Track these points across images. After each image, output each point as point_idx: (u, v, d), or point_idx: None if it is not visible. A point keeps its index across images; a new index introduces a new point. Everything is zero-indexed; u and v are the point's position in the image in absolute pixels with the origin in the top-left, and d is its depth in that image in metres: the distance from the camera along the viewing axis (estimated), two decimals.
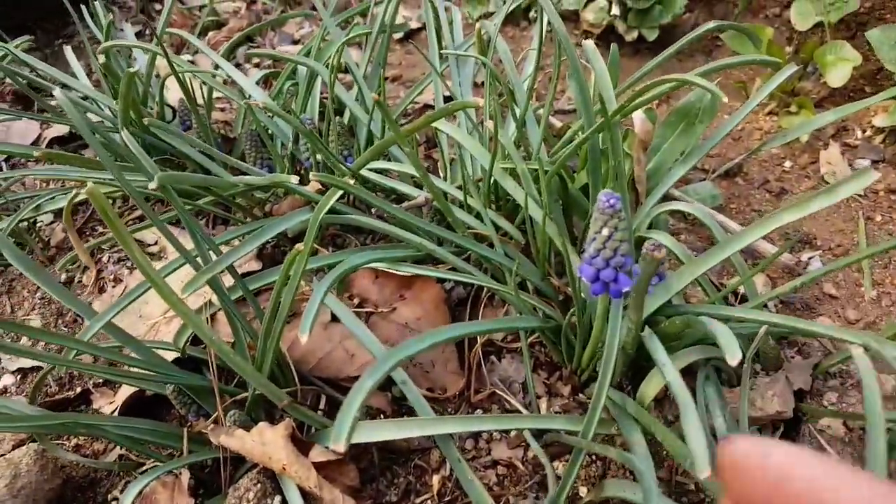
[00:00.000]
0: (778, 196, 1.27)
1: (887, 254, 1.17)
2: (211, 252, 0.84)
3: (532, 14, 1.74)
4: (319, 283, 0.75)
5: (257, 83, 1.40)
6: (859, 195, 1.26)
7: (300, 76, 1.31)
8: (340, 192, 0.79)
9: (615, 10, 1.61)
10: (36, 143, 1.58)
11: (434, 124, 0.93)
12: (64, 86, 1.36)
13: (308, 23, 1.90)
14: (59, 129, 1.54)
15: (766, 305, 1.01)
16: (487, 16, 1.78)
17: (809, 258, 1.13)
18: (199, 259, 0.88)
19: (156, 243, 1.23)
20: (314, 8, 1.98)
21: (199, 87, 1.47)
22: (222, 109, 1.62)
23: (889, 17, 1.50)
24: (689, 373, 0.89)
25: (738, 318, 0.82)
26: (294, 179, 0.84)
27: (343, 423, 0.62)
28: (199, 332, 0.79)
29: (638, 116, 1.03)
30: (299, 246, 0.67)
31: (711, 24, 1.03)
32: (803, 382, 0.91)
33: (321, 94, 1.31)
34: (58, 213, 1.30)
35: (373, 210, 1.19)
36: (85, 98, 1.39)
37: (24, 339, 1.20)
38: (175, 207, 0.76)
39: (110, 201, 1.35)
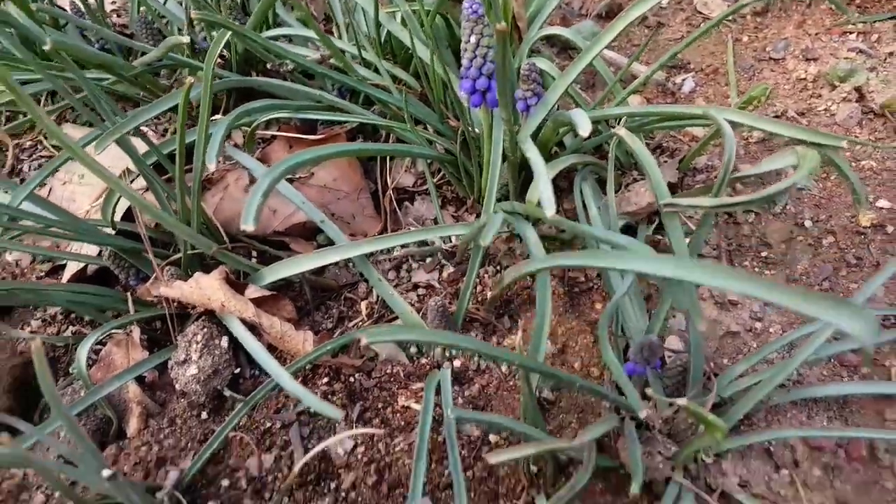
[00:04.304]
0: (655, 29, 1.36)
1: (752, 67, 1.28)
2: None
3: None
4: (218, 126, 0.81)
5: None
6: (729, 20, 1.36)
7: None
8: (229, 33, 0.84)
9: None
10: None
11: None
12: None
13: None
14: None
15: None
16: None
17: (683, 79, 1.24)
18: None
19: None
20: None
21: None
22: (115, 13, 1.58)
23: None
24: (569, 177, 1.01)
25: (603, 117, 0.92)
26: (185, 39, 0.88)
27: (250, 205, 0.68)
28: (123, 194, 0.85)
29: None
30: (190, 78, 0.73)
31: None
32: (672, 177, 1.04)
33: None
34: None
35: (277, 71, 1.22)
36: None
37: None
38: (74, 74, 0.80)
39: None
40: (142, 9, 1.21)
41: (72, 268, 1.08)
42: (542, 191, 0.72)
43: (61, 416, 0.65)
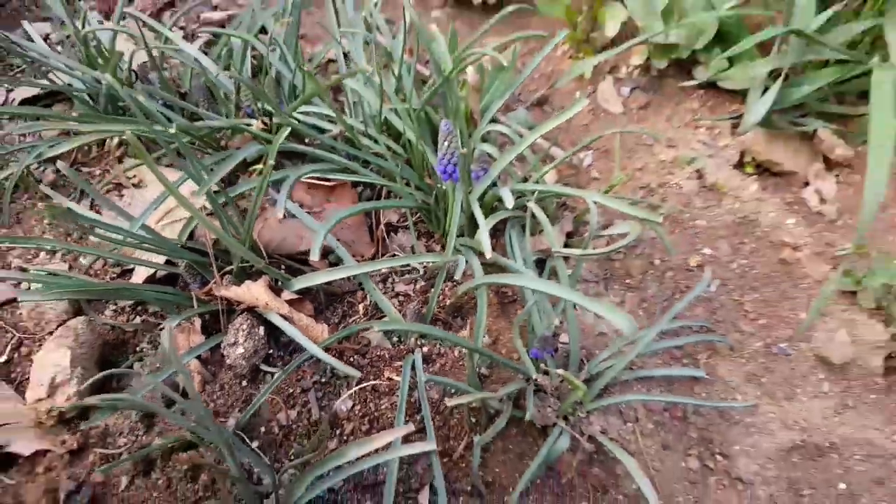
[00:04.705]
0: (569, 121, 1.87)
1: (631, 150, 1.80)
2: (203, 172, 1.29)
3: None
4: (283, 185, 1.23)
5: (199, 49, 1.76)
6: (620, 112, 1.89)
7: (235, 44, 1.69)
8: (289, 129, 1.26)
9: None
10: (4, 104, 1.85)
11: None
12: (32, 60, 1.64)
13: None
14: (26, 92, 1.80)
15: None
16: None
17: (584, 156, 1.75)
18: (189, 181, 1.32)
19: (134, 176, 1.62)
20: None
21: (141, 52, 1.78)
22: (165, 69, 1.94)
23: None
24: (502, 229, 1.48)
25: (522, 191, 1.40)
26: (252, 123, 1.29)
27: (315, 244, 1.11)
28: (201, 220, 1.24)
29: (470, 71, 1.55)
30: (270, 162, 1.15)
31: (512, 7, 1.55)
32: (569, 227, 1.53)
33: (252, 55, 1.70)
34: (53, 159, 1.61)
35: (306, 140, 1.63)
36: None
37: (41, 255, 1.56)
38: (179, 144, 1.20)
39: (94, 146, 1.70)
40: (201, 79, 1.60)
41: (142, 272, 1.45)
42: (483, 239, 1.17)
43: (181, 369, 1.05)
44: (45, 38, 1.87)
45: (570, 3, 1.96)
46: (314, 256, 1.07)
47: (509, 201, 1.20)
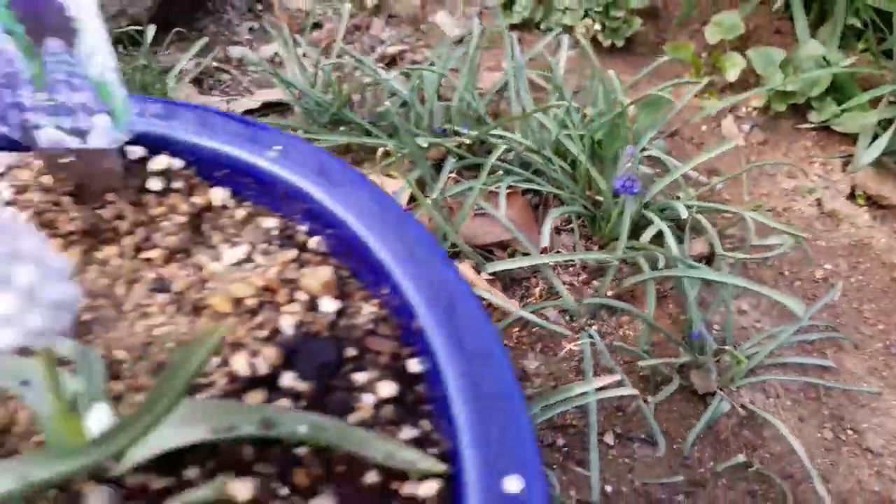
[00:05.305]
0: (698, 147, 2.17)
1: (756, 179, 2.08)
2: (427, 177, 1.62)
3: (543, 26, 2.54)
4: (501, 192, 1.55)
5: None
6: (743, 145, 2.18)
7: (425, 76, 2.06)
8: (503, 147, 1.58)
9: (597, 27, 2.43)
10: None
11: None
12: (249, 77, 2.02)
13: (388, 27, 2.59)
14: (244, 105, 2.19)
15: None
16: (514, 27, 2.56)
17: (716, 181, 2.04)
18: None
19: None
20: (391, 15, 2.68)
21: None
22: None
23: (763, 39, 2.41)
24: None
25: (673, 206, 1.70)
26: (460, 140, 1.62)
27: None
28: (431, 212, 1.56)
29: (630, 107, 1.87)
30: (483, 172, 1.47)
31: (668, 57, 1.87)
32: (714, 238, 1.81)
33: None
34: None
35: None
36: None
37: None
38: (415, 154, 1.53)
39: None
40: (398, 104, 1.96)
41: None
42: (667, 239, 1.47)
43: None
44: (271, 60, 2.27)
45: (694, 49, 2.28)
46: (544, 243, 1.37)
47: (683, 212, 1.49)
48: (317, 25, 2.58)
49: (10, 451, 0.56)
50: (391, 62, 2.45)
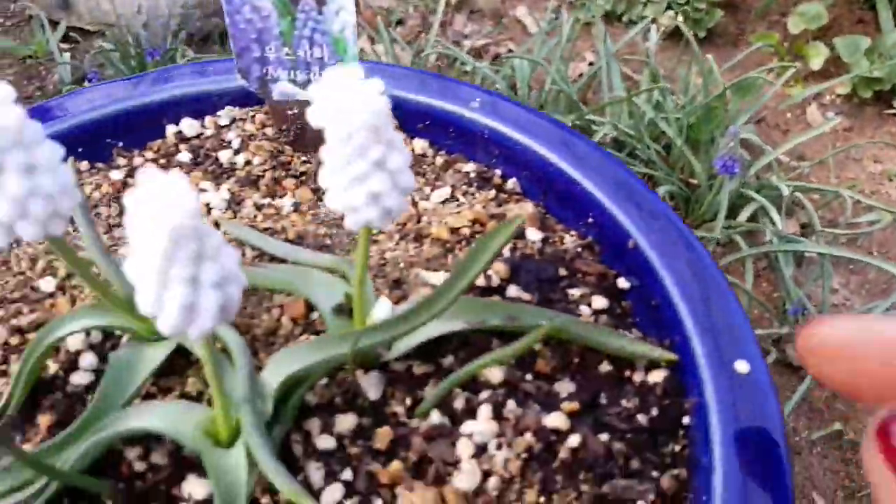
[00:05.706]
0: (784, 133, 2.21)
1: (842, 162, 2.11)
2: None
3: (625, 18, 2.61)
4: None
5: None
6: (828, 131, 2.20)
7: (515, 63, 2.15)
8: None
9: (680, 18, 2.49)
10: None
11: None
12: None
13: (470, 22, 2.70)
14: None
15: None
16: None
17: (802, 164, 2.08)
18: None
19: None
20: (472, 11, 2.79)
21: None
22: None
23: (845, 29, 2.43)
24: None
25: (768, 185, 1.75)
26: None
27: None
28: None
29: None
30: None
31: (758, 45, 1.93)
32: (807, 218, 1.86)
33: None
34: None
35: None
36: None
37: None
38: None
39: None
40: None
41: None
42: (774, 215, 1.54)
43: None
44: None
45: (779, 38, 2.32)
46: None
47: (785, 190, 1.54)
48: (399, 22, 2.70)
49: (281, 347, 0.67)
50: (477, 55, 2.55)
